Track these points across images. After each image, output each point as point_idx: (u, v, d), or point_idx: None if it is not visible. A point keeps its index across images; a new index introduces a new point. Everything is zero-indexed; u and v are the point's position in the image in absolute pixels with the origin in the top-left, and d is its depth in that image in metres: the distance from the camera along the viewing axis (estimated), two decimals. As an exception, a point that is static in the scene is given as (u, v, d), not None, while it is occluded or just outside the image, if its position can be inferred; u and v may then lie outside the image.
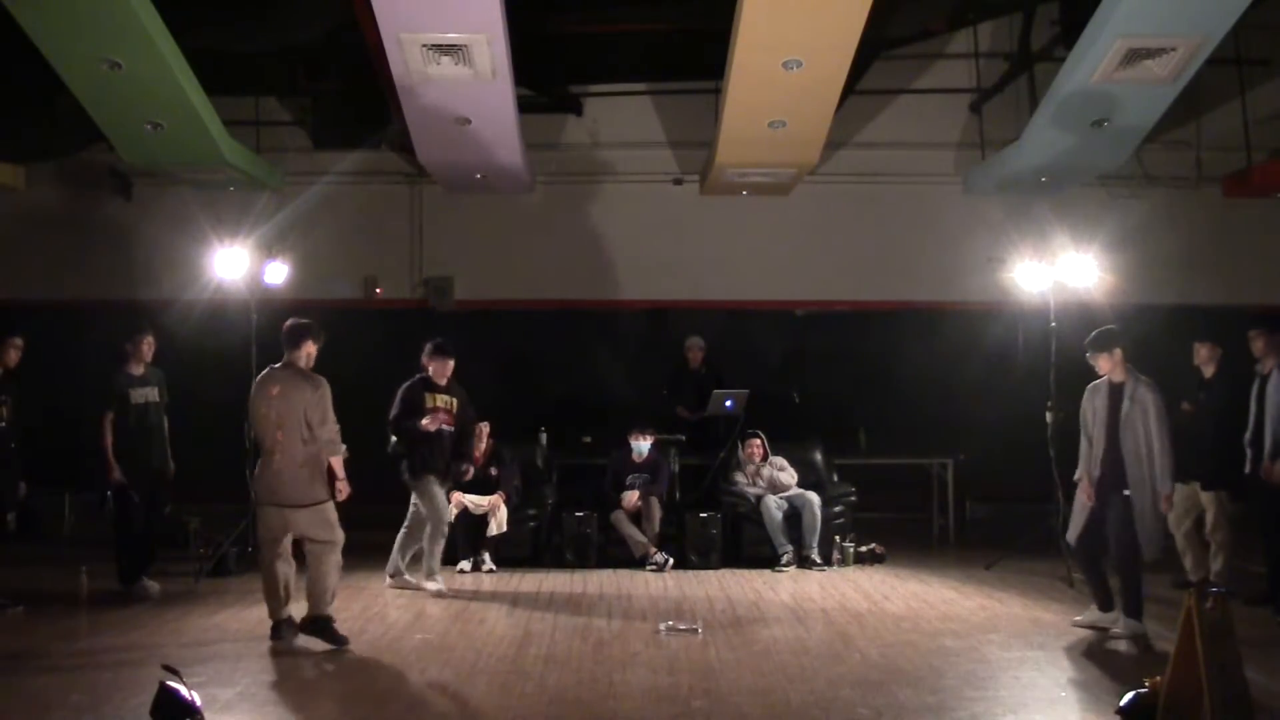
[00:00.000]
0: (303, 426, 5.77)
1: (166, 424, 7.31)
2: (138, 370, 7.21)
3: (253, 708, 4.56)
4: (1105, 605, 6.03)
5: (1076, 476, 6.15)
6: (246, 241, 8.21)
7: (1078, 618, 6.13)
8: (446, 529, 7.23)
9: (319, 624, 5.69)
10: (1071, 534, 6.10)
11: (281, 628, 5.73)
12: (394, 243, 10.88)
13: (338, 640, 5.64)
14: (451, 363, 7.36)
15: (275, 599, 5.76)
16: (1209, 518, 6.87)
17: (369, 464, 9.52)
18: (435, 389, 7.32)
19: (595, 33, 9.88)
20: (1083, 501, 6.02)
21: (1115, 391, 5.95)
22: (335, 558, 5.82)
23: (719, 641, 5.73)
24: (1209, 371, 7.04)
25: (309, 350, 5.99)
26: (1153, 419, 5.76)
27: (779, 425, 9.24)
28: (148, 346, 7.25)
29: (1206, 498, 6.87)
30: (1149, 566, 7.54)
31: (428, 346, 7.39)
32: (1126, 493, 5.80)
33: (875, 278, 10.80)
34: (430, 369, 7.35)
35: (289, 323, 6.04)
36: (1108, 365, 5.97)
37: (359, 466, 9.39)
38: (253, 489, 6.04)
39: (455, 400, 7.39)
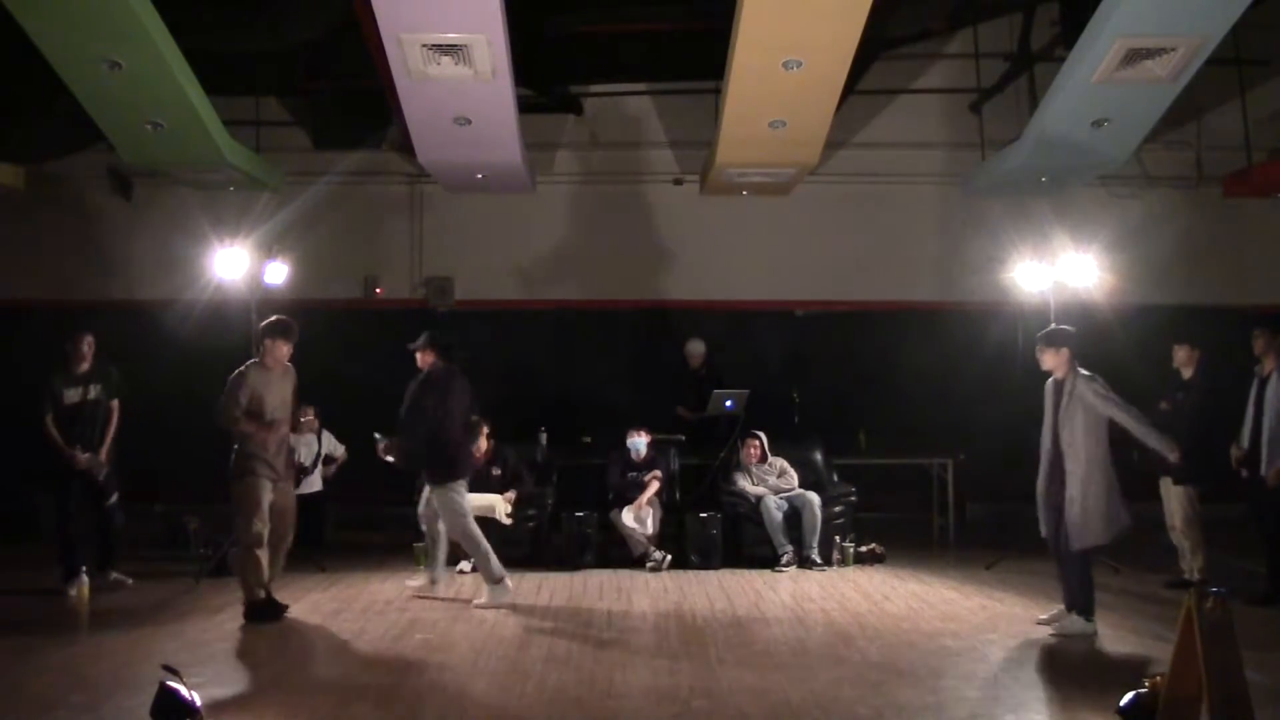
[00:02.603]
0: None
1: (115, 420, 7.36)
2: (78, 369, 7.26)
3: (253, 708, 4.56)
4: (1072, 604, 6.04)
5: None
6: (246, 241, 8.21)
7: (1043, 616, 6.13)
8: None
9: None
10: (1044, 529, 6.11)
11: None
12: (394, 243, 10.89)
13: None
14: None
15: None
16: (1178, 517, 6.91)
17: (371, 464, 9.52)
18: None
19: (595, 33, 9.88)
20: (1041, 495, 6.04)
21: (1058, 388, 6.04)
22: None
23: (719, 641, 5.73)
24: (1188, 373, 7.14)
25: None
26: (1100, 406, 5.81)
27: (779, 425, 9.25)
28: (87, 346, 7.32)
29: (1177, 493, 6.91)
30: (1147, 566, 7.61)
31: None
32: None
33: (876, 278, 10.80)
34: None
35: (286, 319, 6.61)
36: (1052, 361, 6.05)
37: (361, 466, 9.43)
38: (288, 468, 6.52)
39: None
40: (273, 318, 6.61)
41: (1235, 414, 6.84)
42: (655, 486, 8.24)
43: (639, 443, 8.47)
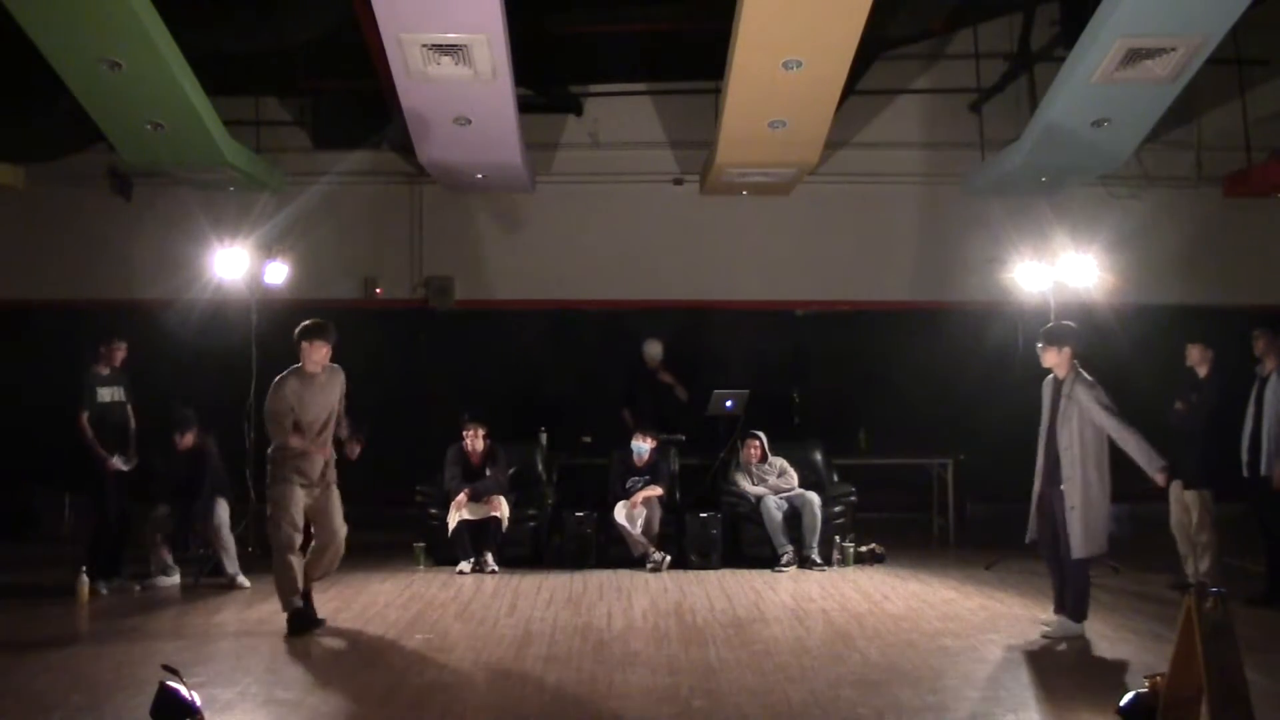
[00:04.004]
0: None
1: (133, 422, 7.47)
2: (105, 371, 7.36)
3: (253, 708, 4.56)
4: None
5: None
6: (246, 241, 8.22)
7: (1044, 616, 6.11)
8: None
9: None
10: (1029, 534, 6.04)
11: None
12: (394, 243, 10.89)
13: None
14: None
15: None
16: (1194, 518, 6.87)
17: (372, 464, 9.54)
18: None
19: (595, 33, 9.88)
20: (1036, 498, 5.99)
21: (1056, 388, 5.95)
22: None
23: (719, 641, 5.73)
24: (1202, 372, 7.06)
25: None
26: (1095, 413, 5.71)
27: (779, 425, 9.24)
28: (120, 352, 7.43)
29: (1190, 497, 6.88)
30: (1147, 566, 7.61)
31: None
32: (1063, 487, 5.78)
33: (876, 278, 10.80)
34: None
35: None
36: (1053, 360, 5.94)
37: (361, 466, 9.42)
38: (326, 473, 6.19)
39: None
40: (305, 322, 6.19)
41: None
42: (652, 492, 8.23)
43: (642, 447, 8.46)
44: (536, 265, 10.83)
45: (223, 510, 7.38)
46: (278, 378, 6.16)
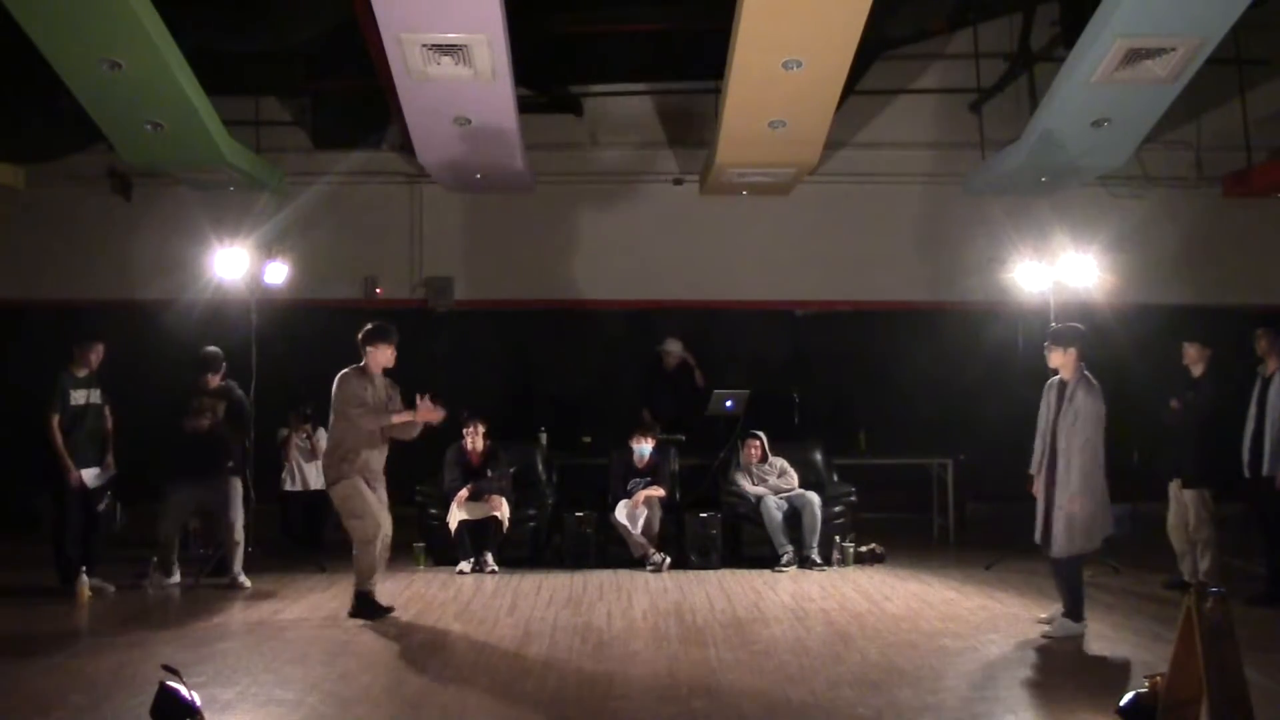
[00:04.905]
0: None
1: (109, 424, 7.43)
2: (80, 373, 7.30)
3: (253, 708, 4.56)
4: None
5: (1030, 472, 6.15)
6: (246, 241, 8.21)
7: (1043, 615, 6.11)
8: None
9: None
10: (1038, 534, 6.03)
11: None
12: (394, 243, 10.89)
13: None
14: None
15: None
16: (1191, 517, 6.88)
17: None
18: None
19: (595, 33, 9.88)
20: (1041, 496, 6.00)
21: (1061, 389, 5.93)
22: None
23: (719, 641, 5.73)
24: (1198, 371, 7.08)
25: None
26: (1080, 419, 5.73)
27: (779, 425, 9.24)
28: (95, 356, 7.37)
29: (1189, 496, 6.89)
30: (1147, 566, 7.62)
31: None
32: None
33: (875, 278, 10.80)
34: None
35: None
36: (1059, 360, 5.93)
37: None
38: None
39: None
40: (369, 325, 6.46)
41: (1245, 413, 6.80)
42: (654, 492, 8.23)
43: (644, 449, 8.45)
44: (536, 265, 10.83)
45: (237, 496, 7.37)
46: (342, 373, 6.36)
